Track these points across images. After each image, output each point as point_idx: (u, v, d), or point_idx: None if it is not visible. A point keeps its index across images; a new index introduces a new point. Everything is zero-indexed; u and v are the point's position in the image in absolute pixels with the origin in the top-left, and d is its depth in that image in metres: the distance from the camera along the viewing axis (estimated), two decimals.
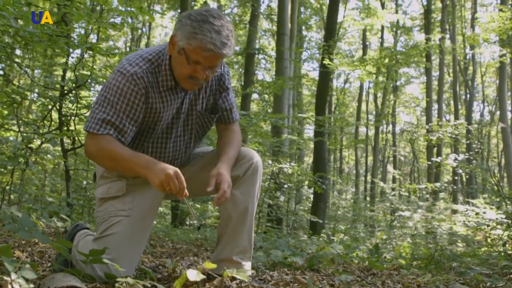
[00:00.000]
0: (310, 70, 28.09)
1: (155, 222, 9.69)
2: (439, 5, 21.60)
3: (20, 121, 5.30)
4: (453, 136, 8.61)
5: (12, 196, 7.04)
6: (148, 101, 2.13)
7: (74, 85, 4.98)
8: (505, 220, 5.12)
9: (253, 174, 2.33)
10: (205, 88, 2.32)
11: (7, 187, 4.55)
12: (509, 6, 11.12)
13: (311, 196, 11.03)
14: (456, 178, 17.24)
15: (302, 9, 22.51)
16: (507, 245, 4.76)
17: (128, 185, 2.26)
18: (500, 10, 10.50)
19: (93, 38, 12.76)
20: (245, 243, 2.33)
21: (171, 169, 1.97)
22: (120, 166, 2.10)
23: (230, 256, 2.31)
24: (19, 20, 4.02)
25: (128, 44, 25.56)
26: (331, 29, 10.47)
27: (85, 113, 5.37)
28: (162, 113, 2.19)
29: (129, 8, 5.10)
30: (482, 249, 5.66)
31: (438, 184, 10.75)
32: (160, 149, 2.32)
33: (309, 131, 21.55)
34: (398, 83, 27.00)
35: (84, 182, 7.23)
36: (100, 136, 2.07)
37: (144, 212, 2.25)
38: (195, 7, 16.38)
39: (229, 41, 2.00)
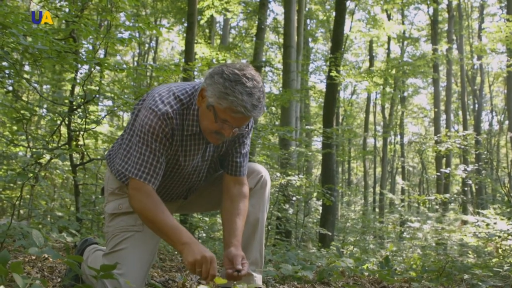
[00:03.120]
0: (317, 82, 28.12)
1: None
2: (446, 15, 21.62)
3: (29, 137, 5.32)
4: (462, 146, 8.58)
5: (21, 211, 7.07)
6: (172, 142, 2.13)
7: (82, 100, 5.01)
8: None
9: (262, 187, 2.38)
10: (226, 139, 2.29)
11: (17, 202, 4.57)
12: None
13: (320, 208, 10.99)
14: (465, 188, 17.18)
15: (308, 21, 22.61)
16: None
17: None
18: (507, 20, 10.50)
19: (101, 53, 12.87)
20: (256, 254, 2.34)
21: (208, 253, 1.95)
22: (158, 231, 2.08)
23: None
24: (28, 37, 4.06)
25: (136, 58, 25.74)
26: (337, 41, 10.47)
27: (94, 127, 5.39)
28: (181, 156, 2.19)
29: (136, 24, 5.13)
30: (494, 260, 5.61)
31: (447, 195, 10.69)
32: (180, 184, 2.35)
33: (317, 143, 21.54)
34: (405, 93, 26.97)
35: (93, 197, 7.24)
36: (142, 185, 2.07)
37: None
38: (201, 21, 16.50)
39: (260, 103, 1.97)
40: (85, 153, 5.61)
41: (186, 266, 1.98)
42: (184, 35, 12.99)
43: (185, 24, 14.10)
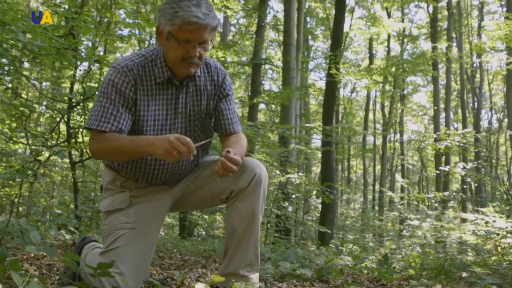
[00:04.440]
0: (317, 79, 28.18)
1: (163, 233, 9.69)
2: (445, 13, 21.60)
3: (29, 134, 5.32)
4: (461, 144, 8.57)
5: (20, 209, 7.07)
6: (138, 92, 2.17)
7: (82, 97, 5.01)
8: None
9: (257, 185, 2.26)
10: (204, 91, 2.32)
11: (16, 200, 4.56)
12: None
13: (319, 206, 10.99)
14: (465, 186, 17.18)
15: (308, 19, 22.58)
16: None
17: (132, 197, 2.28)
18: (507, 18, 10.49)
19: (100, 50, 12.84)
20: (251, 256, 2.29)
21: (171, 136, 1.97)
22: (126, 155, 2.13)
23: (237, 270, 2.27)
24: (27, 34, 4.05)
25: None
26: (337, 39, 10.47)
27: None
28: (153, 105, 2.21)
29: (136, 21, 5.13)
30: (493, 258, 5.61)
31: (447, 193, 10.68)
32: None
33: (316, 140, 21.55)
34: (405, 91, 26.95)
35: (93, 194, 7.24)
36: (100, 133, 2.12)
37: (149, 224, 2.25)
38: None
39: (211, 12, 2.06)
40: (84, 150, 5.61)
41: (164, 158, 1.98)
42: None
43: None
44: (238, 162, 2.03)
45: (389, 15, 22.19)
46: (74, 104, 5.22)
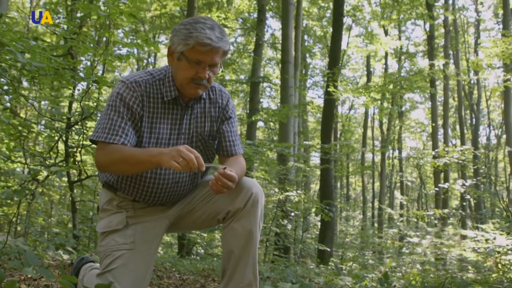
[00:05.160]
0: (315, 97, 28.20)
1: (161, 252, 9.63)
2: (442, 30, 21.73)
3: (27, 153, 5.31)
4: (460, 161, 8.57)
5: (18, 228, 7.03)
6: (144, 109, 2.19)
7: (80, 116, 5.01)
8: None
9: (253, 205, 2.23)
10: (208, 114, 2.34)
11: (14, 219, 4.54)
12: None
13: (319, 223, 10.95)
14: (464, 203, 17.15)
15: (306, 37, 22.71)
16: None
17: (128, 217, 2.27)
18: (503, 35, 10.55)
19: (100, 69, 12.88)
20: (250, 277, 2.25)
21: (181, 146, 1.98)
22: (135, 164, 2.07)
23: None
24: (26, 54, 4.07)
25: None
26: (335, 57, 10.51)
27: (92, 144, 5.38)
28: (158, 123, 2.22)
29: (134, 40, 5.15)
30: (493, 276, 5.58)
31: (446, 210, 10.64)
32: (160, 174, 2.26)
33: (315, 158, 21.54)
34: (403, 108, 27.01)
35: (91, 213, 7.20)
36: (108, 145, 2.10)
37: (146, 244, 2.24)
38: None
39: (223, 37, 2.11)
40: (83, 169, 5.60)
41: (173, 168, 1.94)
42: None
43: None
44: (234, 178, 2.02)
45: (386, 33, 22.30)
46: (72, 123, 5.22)
